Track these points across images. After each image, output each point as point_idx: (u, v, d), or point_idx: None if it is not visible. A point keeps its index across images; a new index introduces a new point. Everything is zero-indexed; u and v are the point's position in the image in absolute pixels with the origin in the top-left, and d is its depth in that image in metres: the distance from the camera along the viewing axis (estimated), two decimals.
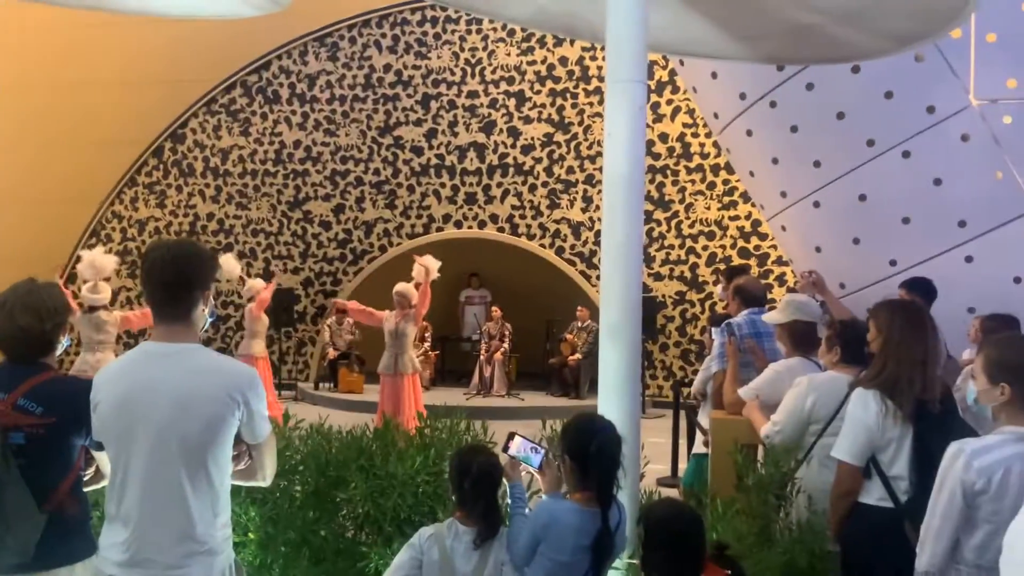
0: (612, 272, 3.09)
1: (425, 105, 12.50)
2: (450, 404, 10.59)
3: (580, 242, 11.90)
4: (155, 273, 2.07)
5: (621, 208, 3.09)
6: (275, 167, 12.93)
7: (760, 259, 11.14)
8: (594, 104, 11.91)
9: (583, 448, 2.29)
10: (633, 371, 3.09)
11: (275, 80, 12.98)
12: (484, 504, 2.43)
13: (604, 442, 2.29)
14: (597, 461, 2.27)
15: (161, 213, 13.40)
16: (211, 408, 2.02)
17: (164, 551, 1.97)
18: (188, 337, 2.10)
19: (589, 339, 11.37)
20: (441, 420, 3.61)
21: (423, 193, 12.51)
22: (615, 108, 3.14)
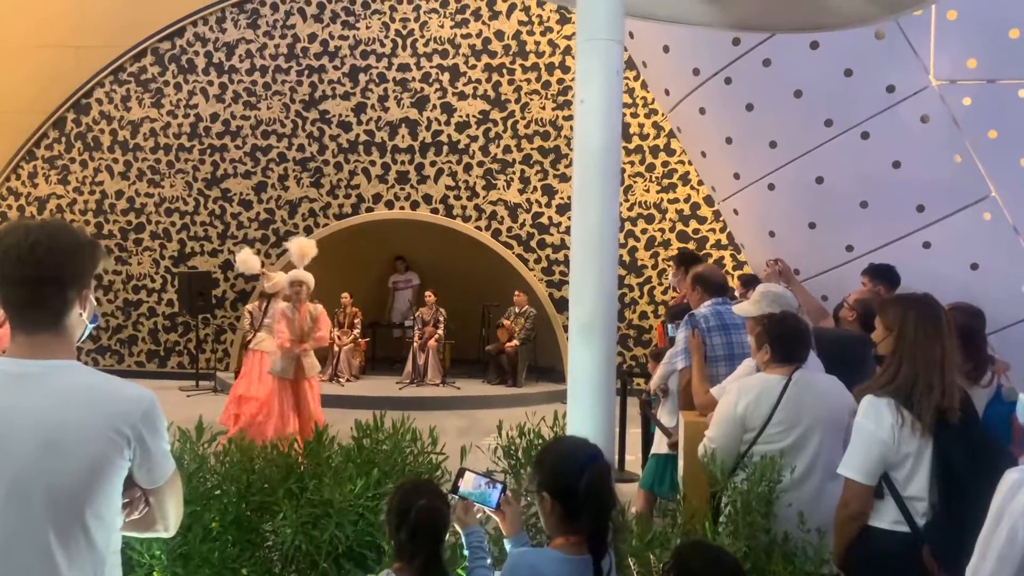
0: (584, 259, 2.67)
1: (353, 78, 11.82)
2: (382, 394, 10.16)
3: (517, 224, 11.49)
4: (11, 267, 1.53)
5: (596, 185, 2.67)
6: (190, 142, 12.05)
7: (699, 243, 10.96)
8: (531, 81, 11.48)
9: (569, 483, 1.86)
10: (607, 373, 2.69)
11: (190, 48, 12.07)
12: (424, 558, 1.96)
13: (596, 474, 1.87)
14: (589, 498, 1.84)
15: (64, 190, 12.35)
16: (90, 447, 1.51)
17: None
18: (58, 351, 1.58)
19: (527, 325, 11.02)
20: (380, 430, 3.13)
21: (351, 171, 11.87)
22: (588, 71, 2.71)
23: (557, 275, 11.38)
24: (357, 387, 10.81)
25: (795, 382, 2.97)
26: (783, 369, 3.01)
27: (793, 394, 2.94)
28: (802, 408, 2.95)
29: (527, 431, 3.34)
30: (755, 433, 2.93)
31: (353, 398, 10.04)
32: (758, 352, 3.09)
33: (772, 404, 2.91)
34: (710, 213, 10.92)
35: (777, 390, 2.93)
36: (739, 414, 2.94)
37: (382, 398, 10.08)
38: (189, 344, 12.00)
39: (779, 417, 2.90)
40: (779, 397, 2.91)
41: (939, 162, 5.45)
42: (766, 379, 2.99)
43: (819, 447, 2.94)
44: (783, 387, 2.92)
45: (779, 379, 2.97)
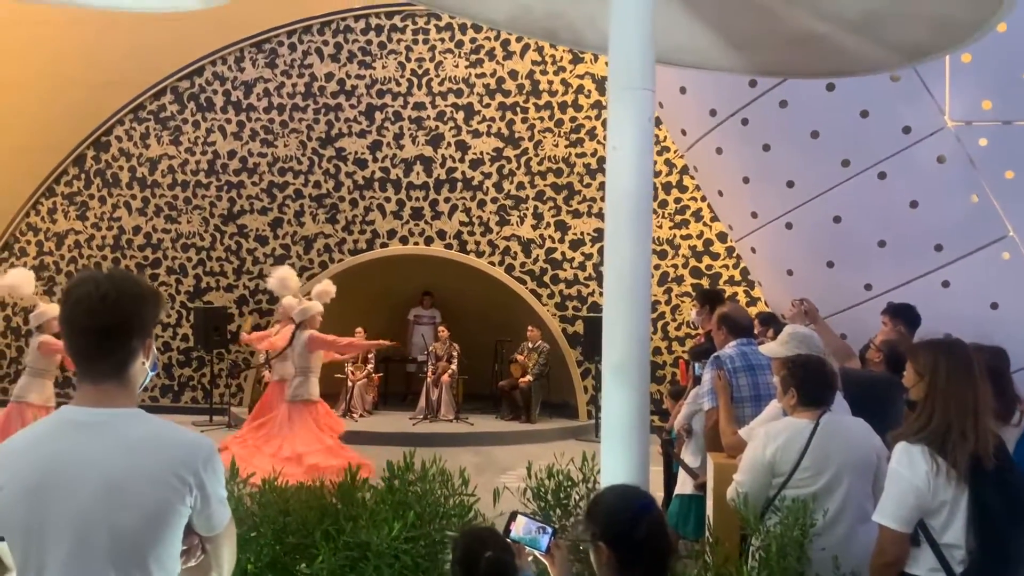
0: (617, 302, 2.72)
1: (369, 116, 11.99)
2: (396, 430, 10.15)
3: (531, 260, 11.56)
4: (80, 316, 1.58)
5: (628, 229, 2.72)
6: (208, 178, 12.21)
7: (712, 279, 11.00)
8: (544, 119, 11.63)
9: (624, 533, 1.86)
10: (641, 415, 2.72)
11: (208, 87, 12.28)
12: None
13: (652, 524, 1.87)
14: (645, 548, 1.85)
15: (82, 226, 12.49)
16: (154, 494, 1.55)
17: None
18: (123, 399, 1.62)
19: (540, 360, 11.02)
20: (410, 470, 3.15)
21: (367, 207, 11.98)
22: (621, 118, 2.77)
23: (570, 310, 11.41)
24: (370, 422, 10.81)
25: (823, 426, 2.98)
26: (810, 413, 3.02)
27: (821, 439, 2.95)
28: (830, 452, 2.96)
29: (555, 472, 3.34)
30: (784, 478, 2.94)
31: (367, 434, 10.04)
32: (784, 396, 3.11)
33: (800, 449, 2.92)
34: (723, 249, 10.97)
35: (805, 435, 2.94)
36: (767, 459, 2.95)
37: (395, 434, 10.08)
38: (203, 379, 12.03)
39: (808, 462, 2.91)
40: (807, 442, 2.92)
41: (956, 202, 5.50)
42: (793, 424, 3.00)
43: (848, 491, 2.94)
44: (811, 432, 2.94)
45: (807, 423, 2.98)
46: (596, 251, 11.36)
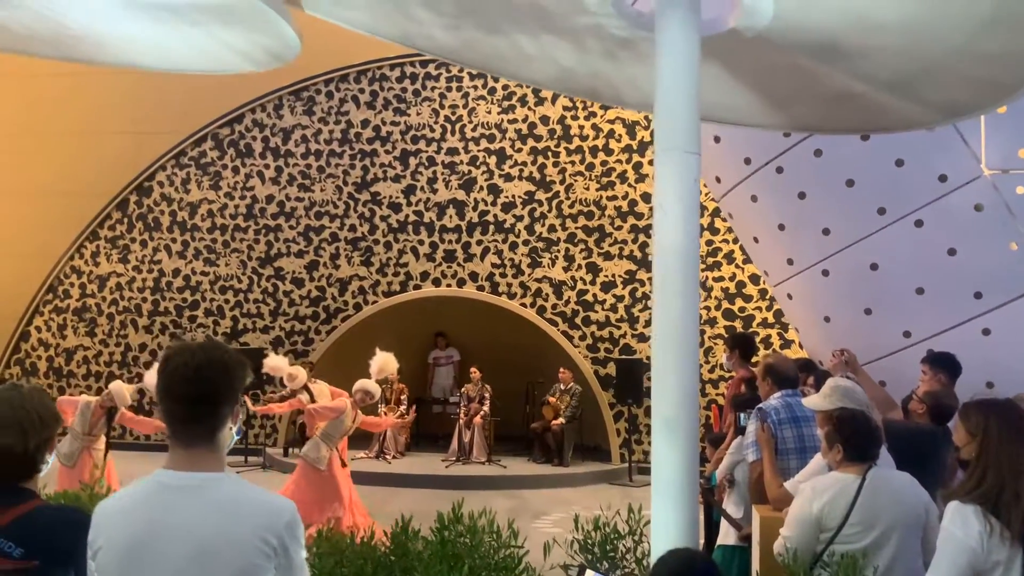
0: (666, 358, 2.78)
1: (404, 161, 12.25)
2: (429, 472, 10.17)
3: (562, 302, 11.63)
4: (177, 386, 1.69)
5: (676, 286, 2.80)
6: (246, 222, 12.50)
7: (745, 321, 10.98)
8: (575, 163, 11.79)
9: None
10: (691, 471, 2.76)
11: (248, 133, 12.64)
12: None
13: None
14: None
15: (124, 268, 12.82)
16: (242, 558, 1.63)
17: None
18: (213, 464, 1.71)
19: (572, 402, 11.02)
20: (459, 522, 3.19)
21: (400, 250, 12.18)
22: (667, 178, 2.86)
23: (602, 352, 11.44)
24: (403, 464, 10.85)
25: (870, 481, 2.99)
26: (856, 468, 3.03)
27: (868, 495, 2.96)
28: (878, 508, 2.96)
29: (601, 524, 3.37)
30: (832, 533, 2.95)
31: (400, 476, 10.10)
32: (830, 451, 3.12)
33: (848, 504, 2.93)
34: (756, 291, 10.96)
35: (852, 490, 2.96)
36: (815, 514, 2.96)
37: (429, 476, 10.12)
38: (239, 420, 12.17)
39: (856, 518, 2.92)
40: (854, 497, 2.93)
41: (995, 249, 5.50)
42: (840, 479, 3.01)
43: (898, 547, 2.94)
44: (858, 487, 2.95)
45: (853, 479, 3.00)
46: (627, 293, 11.42)
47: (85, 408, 6.77)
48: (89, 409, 6.77)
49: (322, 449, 6.87)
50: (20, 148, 12.70)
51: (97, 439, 6.80)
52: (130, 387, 7.08)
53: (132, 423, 7.16)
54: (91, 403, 6.81)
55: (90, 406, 6.79)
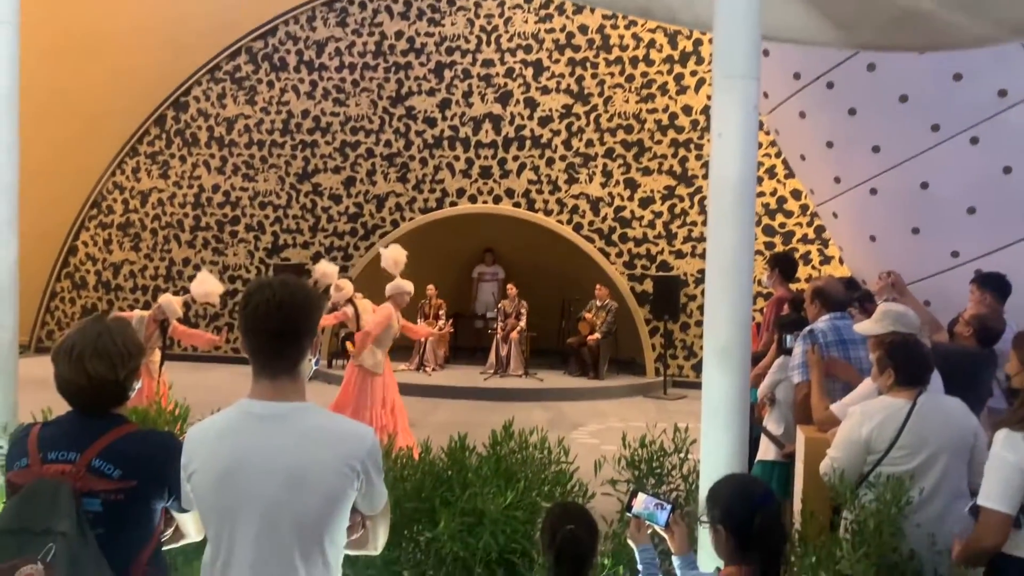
0: (720, 288, 2.80)
1: (438, 74, 12.06)
2: (468, 384, 10.42)
3: (599, 218, 11.59)
4: (259, 320, 1.76)
5: (731, 215, 2.79)
6: (283, 137, 12.51)
7: (785, 237, 10.88)
8: (615, 75, 11.51)
9: (742, 521, 2.00)
10: (742, 398, 2.82)
11: (281, 47, 12.50)
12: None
13: (768, 516, 2.01)
14: (762, 538, 1.99)
15: (164, 184, 12.98)
16: (330, 481, 1.74)
17: None
18: (295, 394, 1.80)
19: (608, 318, 11.12)
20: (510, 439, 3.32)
21: (436, 166, 12.14)
22: (725, 105, 2.82)
23: (639, 269, 11.45)
24: (443, 377, 11.13)
25: (920, 407, 3.03)
26: (907, 393, 3.07)
27: (918, 419, 3.01)
28: (927, 433, 3.01)
29: (647, 443, 3.47)
30: (879, 455, 3.01)
31: (440, 388, 10.37)
32: (880, 375, 3.16)
33: (897, 428, 2.99)
34: (797, 207, 10.81)
35: (902, 415, 3.00)
36: (863, 438, 3.02)
37: (468, 388, 10.38)
38: None
39: (904, 441, 2.97)
40: (904, 422, 2.98)
41: None
42: (890, 403, 3.06)
43: (945, 469, 3.00)
44: (908, 412, 3.00)
45: (903, 403, 3.04)
46: (666, 209, 11.33)
47: (139, 323, 6.95)
48: (142, 324, 6.95)
49: (377, 355, 7.06)
50: (59, 68, 12.69)
51: (152, 352, 7.01)
52: (178, 299, 7.22)
53: (184, 336, 7.35)
54: (144, 317, 6.99)
55: (143, 321, 6.96)
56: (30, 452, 1.90)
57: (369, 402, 6.99)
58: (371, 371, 7.01)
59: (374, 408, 6.99)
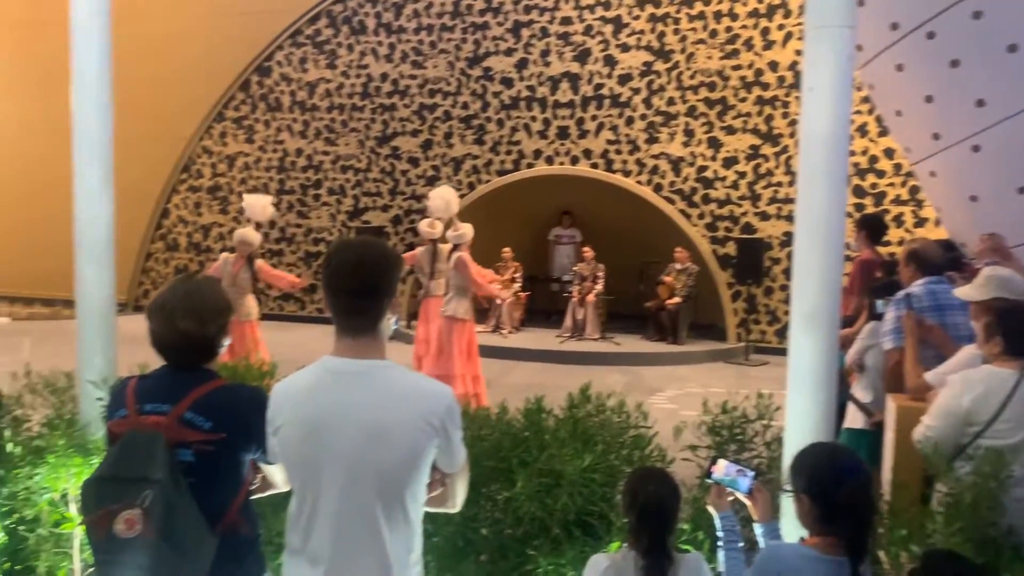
0: (809, 250, 2.69)
1: (516, 33, 11.92)
2: (544, 347, 10.44)
3: (680, 179, 11.32)
4: (340, 279, 1.78)
5: (822, 173, 2.66)
6: (362, 101, 12.64)
7: (876, 198, 10.41)
8: (697, 31, 11.14)
9: (828, 490, 1.93)
10: (830, 364, 2.72)
11: (360, 10, 12.57)
12: (648, 540, 2.11)
13: (857, 487, 1.92)
14: (849, 508, 1.91)
15: (250, 148, 13.33)
16: (410, 437, 1.76)
17: None
18: (376, 352, 1.83)
19: (688, 282, 10.93)
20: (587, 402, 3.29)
21: (513, 128, 12.06)
22: (818, 57, 2.68)
23: (721, 231, 11.17)
24: (519, 339, 11.18)
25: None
26: (1014, 363, 2.88)
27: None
28: None
29: (729, 408, 3.39)
30: (980, 427, 2.86)
31: (516, 350, 10.42)
32: (986, 343, 2.98)
33: (1002, 401, 2.82)
34: (890, 166, 10.31)
35: (1008, 386, 2.83)
36: (964, 408, 2.86)
37: (544, 351, 10.40)
38: None
39: (1009, 414, 2.81)
40: (1010, 394, 2.82)
41: None
42: (995, 373, 2.88)
43: None
44: (1015, 383, 2.83)
45: (1010, 374, 2.86)
46: (751, 169, 10.98)
47: (225, 262, 7.18)
48: (229, 262, 7.16)
49: (464, 302, 7.09)
50: (147, 37, 13.11)
51: (244, 295, 7.05)
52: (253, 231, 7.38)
53: (268, 276, 7.49)
54: (229, 258, 7.20)
55: (229, 261, 7.18)
56: (128, 403, 1.98)
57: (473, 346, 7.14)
58: (463, 319, 7.06)
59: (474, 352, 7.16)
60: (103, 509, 1.83)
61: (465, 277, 6.97)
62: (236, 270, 7.11)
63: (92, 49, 3.35)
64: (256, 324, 7.18)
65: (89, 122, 3.37)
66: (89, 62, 3.35)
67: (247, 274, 7.11)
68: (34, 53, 13.35)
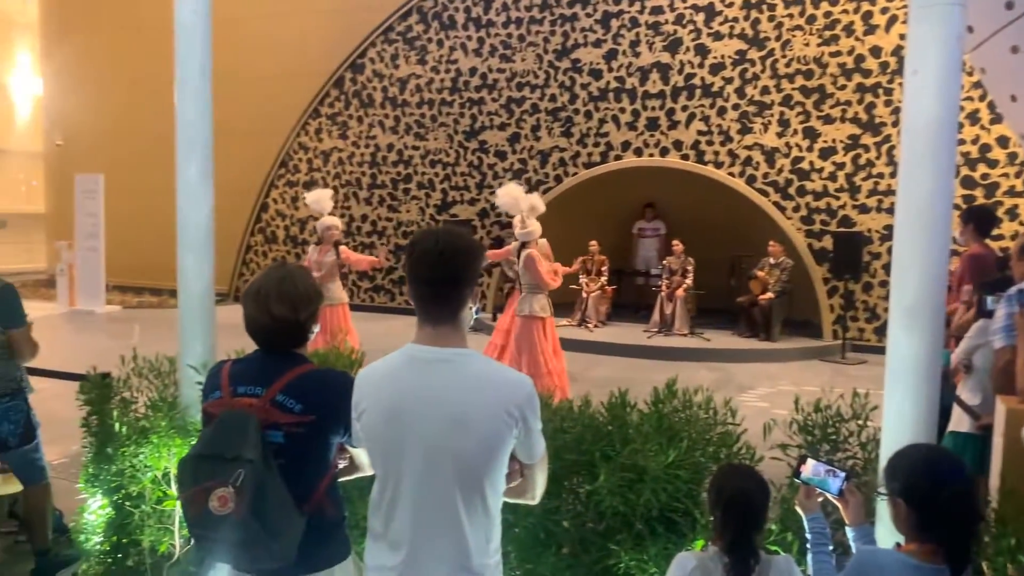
0: (911, 242, 2.55)
1: (605, 24, 11.80)
2: (631, 342, 10.32)
3: (775, 170, 10.97)
4: (423, 269, 1.80)
5: (927, 162, 2.51)
6: (451, 96, 12.78)
7: (988, 189, 9.81)
8: (794, 16, 10.75)
9: (926, 495, 1.82)
10: (932, 363, 2.57)
11: (450, 5, 12.70)
12: (732, 536, 2.05)
13: (958, 494, 1.81)
14: (948, 515, 1.80)
15: (343, 144, 13.69)
16: (489, 426, 1.76)
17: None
18: (457, 340, 1.84)
19: (783, 276, 10.59)
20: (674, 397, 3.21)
21: (601, 119, 11.95)
22: (923, 37, 2.52)
23: (818, 224, 10.77)
24: (605, 333, 11.09)
25: None
26: None
27: None
28: None
29: (823, 407, 3.26)
30: None
31: (602, 344, 10.34)
32: None
33: None
34: (1003, 155, 9.70)
35: None
36: None
37: (631, 346, 10.28)
38: None
39: None
40: None
41: None
42: None
43: None
44: None
45: None
46: (849, 160, 10.54)
47: (314, 251, 7.55)
48: (316, 249, 7.51)
49: (540, 299, 7.10)
50: (246, 38, 13.64)
51: (333, 279, 7.34)
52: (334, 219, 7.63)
53: (352, 260, 7.77)
54: (317, 247, 7.55)
55: (316, 248, 7.52)
56: (223, 385, 2.06)
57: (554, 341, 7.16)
58: (540, 316, 7.06)
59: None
60: (198, 486, 1.91)
61: (534, 274, 6.94)
62: (322, 256, 7.41)
63: (194, 54, 3.49)
64: (345, 308, 7.49)
65: (190, 123, 3.51)
66: (191, 67, 3.49)
67: (333, 259, 7.38)
68: (153, 53, 14.08)
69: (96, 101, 15.57)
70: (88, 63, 15.74)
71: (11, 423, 3.52)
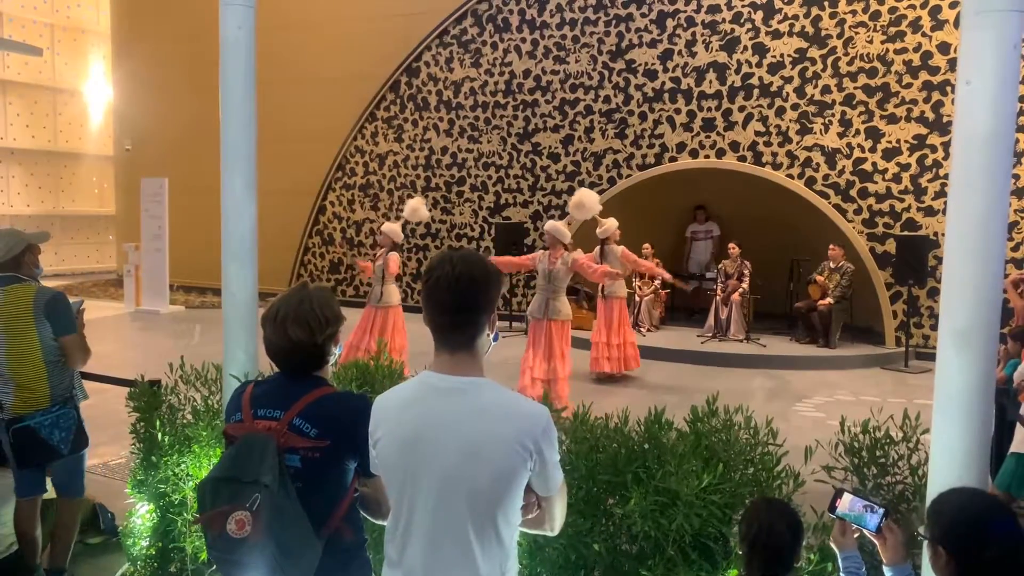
0: (963, 259, 2.41)
1: (660, 24, 11.62)
2: (684, 347, 10.14)
3: (835, 172, 10.65)
4: (438, 294, 1.77)
5: (980, 178, 2.37)
6: (505, 99, 12.78)
7: None
8: (857, 13, 10.41)
9: (971, 548, 1.70)
10: (985, 389, 2.43)
11: (505, 7, 12.69)
12: (760, 573, 2.02)
13: (1008, 552, 1.68)
14: (995, 570, 1.68)
15: (399, 147, 13.82)
16: (503, 458, 1.72)
17: None
18: (473, 369, 1.80)
19: (843, 281, 10.27)
20: (713, 415, 3.12)
21: (655, 120, 11.79)
22: (977, 46, 2.38)
23: (880, 228, 10.41)
24: (658, 338, 10.93)
25: None
26: None
27: None
28: None
29: (871, 429, 3.13)
30: None
31: (655, 349, 10.19)
32: None
33: None
34: None
35: None
36: None
37: (684, 351, 10.11)
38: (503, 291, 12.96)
39: None
40: None
41: None
42: None
43: None
44: None
45: None
46: (915, 161, 10.16)
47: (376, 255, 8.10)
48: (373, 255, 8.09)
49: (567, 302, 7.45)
50: (309, 45, 13.88)
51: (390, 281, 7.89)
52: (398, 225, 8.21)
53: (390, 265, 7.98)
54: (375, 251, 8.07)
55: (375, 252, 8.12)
56: (244, 408, 2.08)
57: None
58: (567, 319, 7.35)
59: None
60: (217, 509, 1.92)
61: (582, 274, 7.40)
62: (378, 258, 8.03)
63: (239, 69, 3.54)
64: (397, 311, 7.97)
65: (234, 135, 3.56)
66: (235, 81, 3.54)
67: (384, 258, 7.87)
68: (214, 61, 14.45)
69: (162, 107, 16.07)
70: (155, 70, 16.26)
71: (62, 430, 3.63)
